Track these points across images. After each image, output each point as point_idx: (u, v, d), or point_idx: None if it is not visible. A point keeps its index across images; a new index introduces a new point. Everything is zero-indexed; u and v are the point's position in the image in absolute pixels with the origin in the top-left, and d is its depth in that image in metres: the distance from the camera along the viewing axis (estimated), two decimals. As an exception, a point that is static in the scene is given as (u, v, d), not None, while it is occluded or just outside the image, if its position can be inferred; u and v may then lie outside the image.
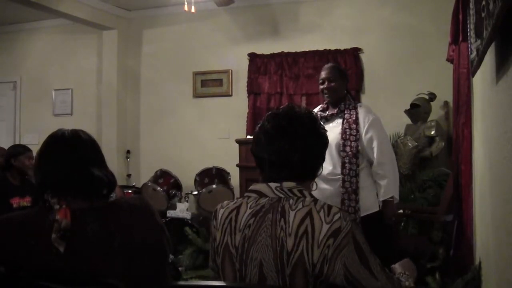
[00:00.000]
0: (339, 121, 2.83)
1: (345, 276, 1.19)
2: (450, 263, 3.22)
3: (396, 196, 2.80)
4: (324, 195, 2.76)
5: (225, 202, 1.39)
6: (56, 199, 1.26)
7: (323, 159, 1.40)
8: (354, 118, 2.79)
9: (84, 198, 1.28)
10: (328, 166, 2.78)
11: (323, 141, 1.40)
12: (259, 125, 1.40)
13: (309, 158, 1.36)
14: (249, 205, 1.31)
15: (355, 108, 2.83)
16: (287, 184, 1.30)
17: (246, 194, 1.36)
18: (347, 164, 2.74)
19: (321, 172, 1.42)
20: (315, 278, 1.19)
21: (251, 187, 1.37)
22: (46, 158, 1.34)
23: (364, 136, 2.77)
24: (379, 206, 2.80)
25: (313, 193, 2.96)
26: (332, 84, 2.84)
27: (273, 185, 1.31)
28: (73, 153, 1.32)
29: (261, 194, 1.32)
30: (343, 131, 2.77)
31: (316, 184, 1.39)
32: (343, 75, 2.92)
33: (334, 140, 2.78)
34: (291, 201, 1.27)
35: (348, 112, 2.82)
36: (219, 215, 1.35)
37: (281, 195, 1.29)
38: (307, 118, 1.37)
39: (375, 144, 2.76)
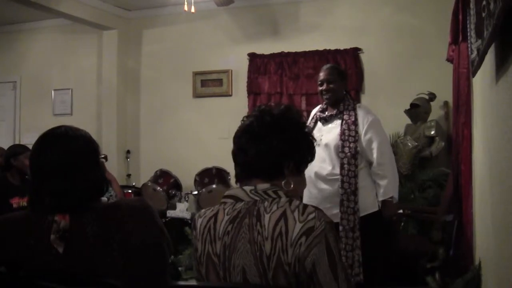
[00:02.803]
0: (338, 122, 2.82)
1: (309, 275, 1.17)
2: (450, 263, 3.22)
3: (396, 196, 2.80)
4: (323, 195, 2.77)
5: (203, 210, 1.38)
6: (48, 199, 1.25)
7: (291, 156, 1.32)
8: (353, 119, 2.78)
9: (68, 199, 1.26)
10: (328, 166, 2.78)
11: (291, 137, 1.33)
12: (238, 129, 1.43)
13: (267, 155, 1.31)
14: (226, 212, 1.29)
15: (354, 109, 2.83)
16: (261, 186, 1.29)
17: (222, 200, 1.34)
18: (345, 165, 2.73)
19: (307, 168, 1.39)
20: (295, 277, 1.18)
21: (226, 193, 1.35)
22: (33, 155, 1.32)
23: (364, 137, 2.77)
24: (379, 206, 2.81)
25: (314, 193, 2.96)
26: (331, 85, 2.84)
27: (247, 188, 1.30)
28: (55, 151, 1.29)
29: (236, 199, 1.30)
30: (342, 132, 2.77)
31: (291, 184, 1.31)
32: (342, 76, 2.91)
33: (333, 141, 2.79)
34: (265, 203, 1.25)
35: (347, 113, 2.81)
36: (198, 225, 1.34)
37: (256, 198, 1.27)
38: (269, 115, 1.35)
39: (374, 145, 2.76)
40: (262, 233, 1.20)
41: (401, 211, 3.79)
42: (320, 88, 2.88)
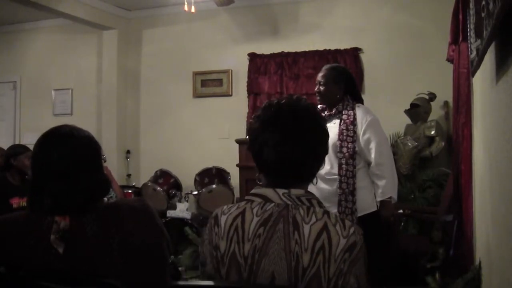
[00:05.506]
0: (337, 121, 2.81)
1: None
2: (450, 263, 3.22)
3: (394, 196, 2.80)
4: (322, 194, 2.76)
5: (225, 207, 1.30)
6: (49, 200, 1.24)
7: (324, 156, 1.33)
8: (351, 119, 2.77)
9: (70, 200, 1.25)
10: (326, 165, 2.77)
11: (327, 136, 1.33)
12: (260, 122, 1.29)
13: (321, 159, 1.31)
14: (254, 212, 1.24)
15: (353, 109, 2.81)
16: (295, 192, 1.24)
17: (248, 197, 1.28)
18: (344, 165, 2.73)
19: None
20: None
21: (254, 191, 1.29)
22: (36, 154, 1.30)
23: (362, 137, 2.76)
24: (377, 206, 2.80)
25: (312, 192, 2.95)
26: (322, 88, 2.82)
27: (280, 191, 1.24)
28: (59, 151, 1.27)
29: (266, 199, 1.25)
30: (340, 132, 2.76)
31: (317, 179, 1.34)
32: (339, 78, 2.83)
33: (331, 140, 2.76)
34: (301, 211, 1.21)
35: (346, 113, 2.79)
36: (221, 223, 1.26)
37: (289, 202, 1.23)
38: (314, 115, 1.31)
39: (372, 145, 2.75)
40: (301, 244, 1.17)
41: (401, 211, 3.78)
42: (315, 89, 2.90)
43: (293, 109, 1.28)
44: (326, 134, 1.32)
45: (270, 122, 1.27)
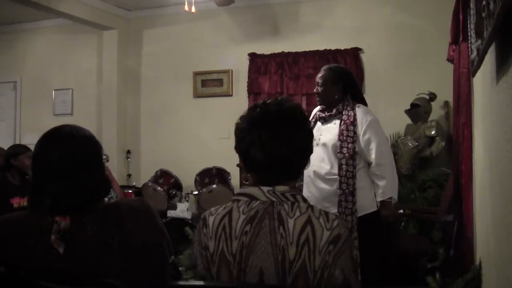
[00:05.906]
0: (337, 122, 2.81)
1: (342, 282, 1.20)
2: (450, 263, 3.22)
3: (395, 197, 2.80)
4: (322, 194, 2.77)
5: (213, 209, 1.34)
6: (49, 201, 1.24)
7: (309, 155, 1.37)
8: (351, 119, 2.76)
9: (70, 200, 1.25)
10: (326, 166, 2.78)
11: (312, 136, 1.39)
12: (247, 122, 1.33)
13: (307, 157, 1.34)
14: (241, 210, 1.27)
15: (353, 109, 2.81)
16: (280, 188, 1.27)
17: (234, 197, 1.32)
18: (343, 166, 2.73)
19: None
20: (317, 285, 1.19)
21: (240, 190, 1.33)
22: (37, 154, 1.30)
23: (362, 137, 2.76)
24: (377, 206, 2.80)
25: (313, 192, 2.95)
26: (320, 88, 2.83)
27: (265, 188, 1.28)
28: (60, 151, 1.27)
29: (252, 197, 1.28)
30: (340, 133, 2.75)
31: (302, 178, 1.39)
32: (338, 78, 2.82)
33: (331, 141, 2.77)
34: (285, 206, 1.24)
35: (346, 113, 2.79)
36: (209, 223, 1.30)
37: (274, 199, 1.26)
38: (299, 114, 1.35)
39: (373, 145, 2.75)
40: (286, 238, 1.20)
41: (401, 211, 3.78)
42: (314, 89, 2.90)
43: (278, 109, 1.32)
44: (311, 134, 1.38)
45: (257, 122, 1.31)
